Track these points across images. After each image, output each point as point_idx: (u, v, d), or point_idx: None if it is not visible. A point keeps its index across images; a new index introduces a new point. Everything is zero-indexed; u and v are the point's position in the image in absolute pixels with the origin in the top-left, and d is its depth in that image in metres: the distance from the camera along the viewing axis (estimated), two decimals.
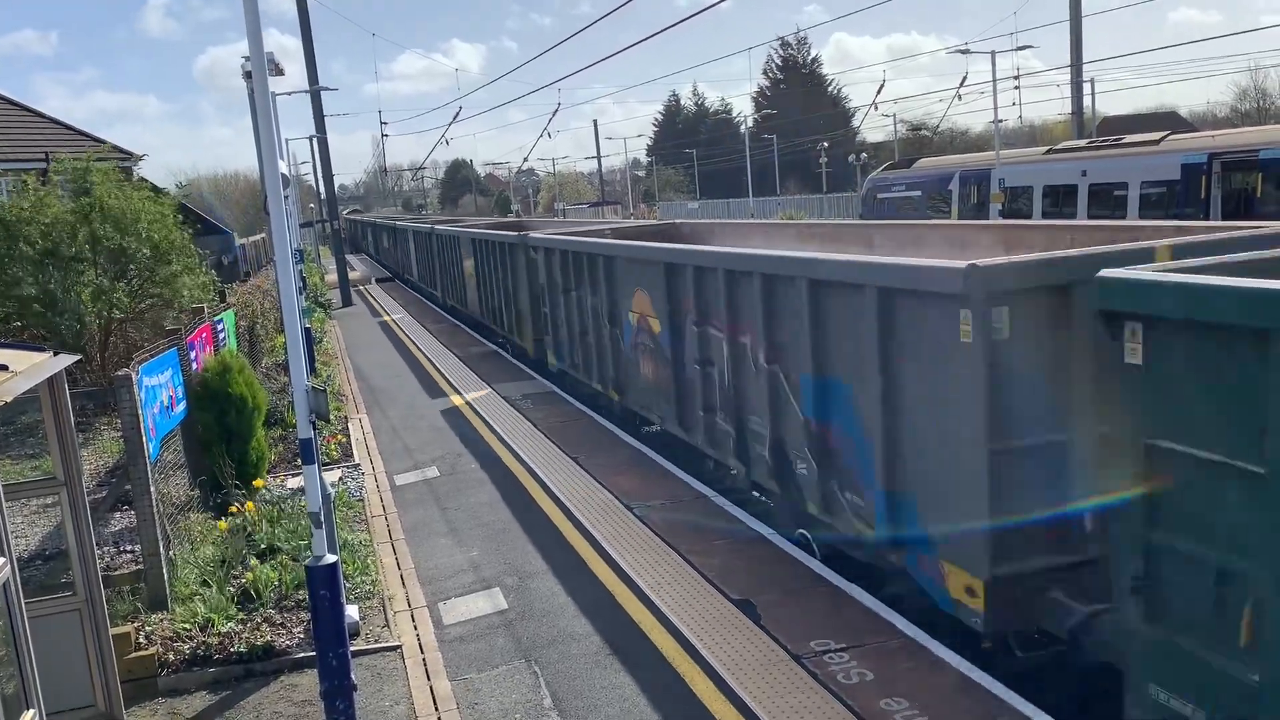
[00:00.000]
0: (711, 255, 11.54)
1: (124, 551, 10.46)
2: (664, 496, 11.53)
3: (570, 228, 22.75)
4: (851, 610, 8.16)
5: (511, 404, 17.48)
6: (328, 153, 41.13)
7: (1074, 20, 36.79)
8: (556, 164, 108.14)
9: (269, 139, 7.17)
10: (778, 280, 9.52)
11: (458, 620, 8.86)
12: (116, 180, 18.91)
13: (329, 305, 37.03)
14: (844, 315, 8.35)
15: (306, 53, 36.86)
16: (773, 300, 9.64)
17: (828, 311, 8.64)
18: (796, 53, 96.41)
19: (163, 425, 10.29)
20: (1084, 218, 21.46)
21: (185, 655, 8.14)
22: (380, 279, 52.64)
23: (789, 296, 9.25)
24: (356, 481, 13.21)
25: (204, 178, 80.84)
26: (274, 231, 7.11)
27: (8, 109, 32.21)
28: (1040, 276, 6.64)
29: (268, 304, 22.78)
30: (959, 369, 6.84)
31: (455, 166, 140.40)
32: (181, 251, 18.89)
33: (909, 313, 7.45)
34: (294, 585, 9.11)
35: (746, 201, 69.81)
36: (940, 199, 29.50)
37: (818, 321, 8.78)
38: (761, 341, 9.90)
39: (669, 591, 8.84)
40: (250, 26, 6.70)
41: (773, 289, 9.63)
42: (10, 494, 6.34)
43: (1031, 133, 74.62)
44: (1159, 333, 5.27)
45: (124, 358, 15.17)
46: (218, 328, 14.12)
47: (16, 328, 17.33)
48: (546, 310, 18.79)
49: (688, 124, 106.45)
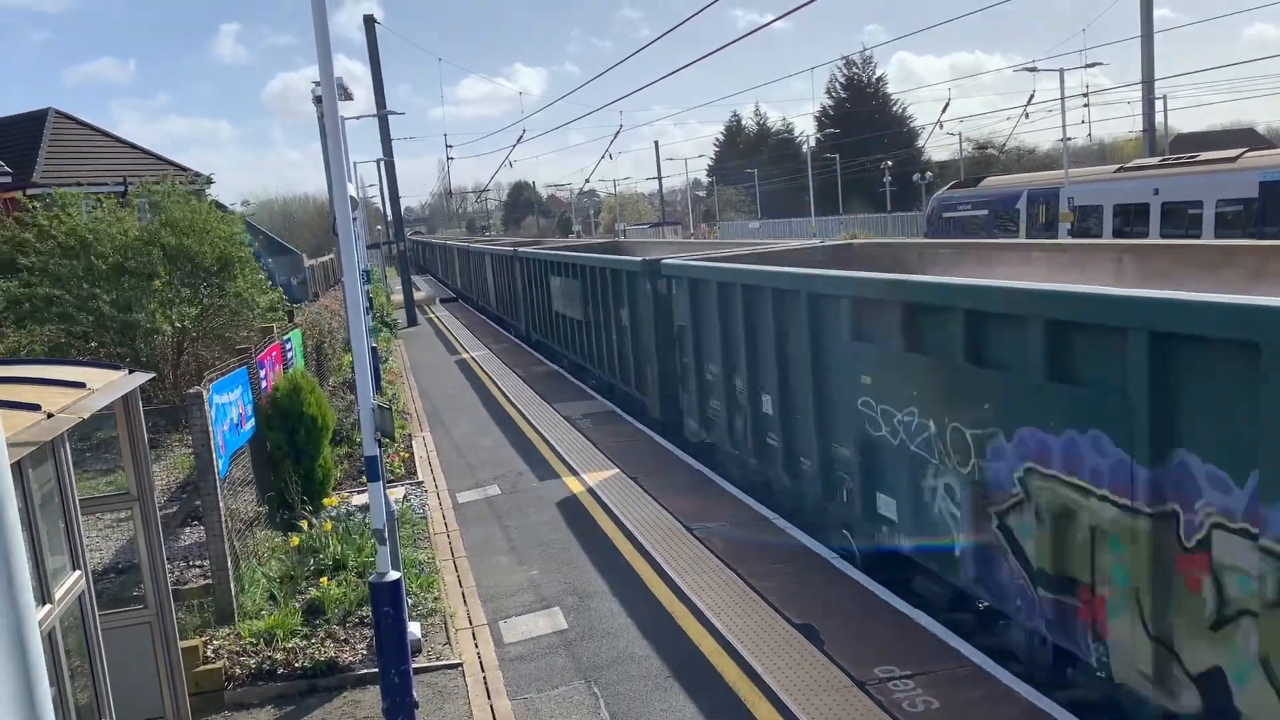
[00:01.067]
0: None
1: (193, 566, 10.66)
2: (724, 518, 11.44)
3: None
4: (916, 636, 8.00)
5: (571, 423, 17.53)
6: (394, 176, 41.90)
7: (1145, 36, 36.12)
8: (617, 185, 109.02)
9: (338, 162, 7.30)
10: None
11: (518, 639, 8.87)
12: (186, 198, 19.46)
13: (395, 325, 37.58)
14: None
15: (375, 79, 37.65)
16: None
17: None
18: (861, 72, 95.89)
19: (232, 442, 10.50)
20: (1156, 237, 20.97)
21: (251, 669, 8.26)
22: (445, 299, 53.42)
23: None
24: (420, 499, 13.34)
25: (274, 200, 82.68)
26: (342, 252, 7.23)
27: (89, 134, 33.34)
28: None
29: (335, 323, 23.17)
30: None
31: (518, 188, 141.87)
32: (246, 265, 19.30)
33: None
34: (358, 602, 9.21)
35: (809, 220, 69.48)
36: (1007, 218, 29.07)
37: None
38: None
39: (730, 614, 8.76)
40: (321, 54, 6.84)
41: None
42: (86, 508, 6.49)
43: (1101, 151, 73.30)
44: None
45: (195, 376, 15.52)
46: (286, 347, 14.38)
47: (94, 346, 17.84)
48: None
49: (749, 144, 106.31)
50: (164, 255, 18.02)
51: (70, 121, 33.06)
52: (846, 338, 9.50)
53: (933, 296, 8.06)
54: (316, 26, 6.76)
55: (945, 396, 7.89)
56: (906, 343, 8.41)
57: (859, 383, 9.32)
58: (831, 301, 9.78)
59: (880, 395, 8.95)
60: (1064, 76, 36.76)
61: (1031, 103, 55.58)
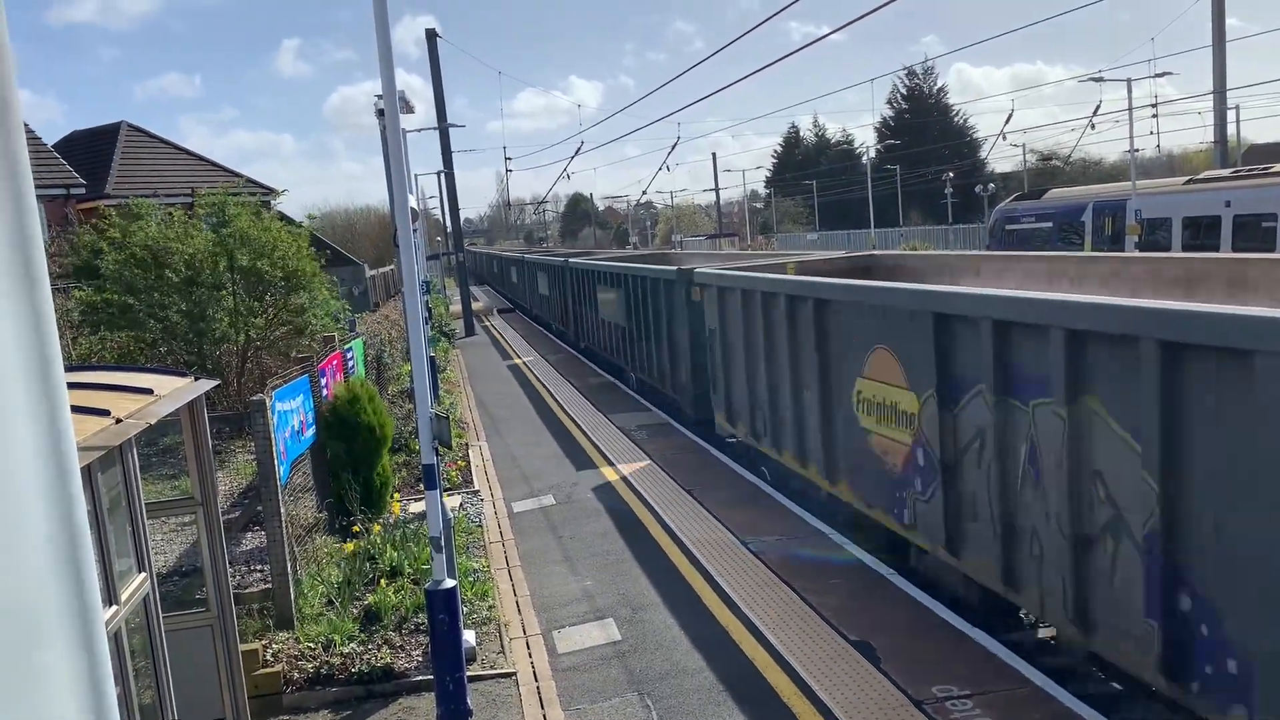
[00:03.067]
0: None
1: (254, 570, 10.85)
2: (779, 532, 11.36)
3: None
4: (974, 654, 7.86)
5: (626, 434, 17.55)
6: (454, 188, 42.38)
7: (1216, 44, 35.30)
8: (674, 196, 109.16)
9: (399, 174, 7.40)
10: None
11: (571, 649, 8.88)
12: (254, 211, 19.89)
13: (453, 334, 37.98)
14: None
15: (436, 92, 38.15)
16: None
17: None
18: (922, 82, 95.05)
19: (293, 449, 10.67)
20: (1228, 250, 20.44)
21: (309, 674, 8.37)
22: (502, 310, 53.89)
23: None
24: (476, 508, 13.44)
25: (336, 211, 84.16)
26: (403, 263, 7.33)
27: (160, 147, 34.24)
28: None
29: (395, 333, 23.48)
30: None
31: (575, 200, 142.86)
32: (313, 279, 19.67)
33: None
34: (414, 609, 9.29)
35: (868, 233, 68.91)
36: (1072, 230, 28.54)
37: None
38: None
39: (784, 629, 8.69)
40: (384, 68, 6.95)
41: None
42: (152, 512, 6.64)
43: (1170, 162, 71.68)
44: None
45: (259, 383, 15.84)
46: (347, 356, 14.60)
47: (163, 352, 18.29)
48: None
49: (808, 155, 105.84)
50: (231, 266, 18.44)
51: (142, 134, 34.00)
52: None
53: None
54: (379, 42, 6.87)
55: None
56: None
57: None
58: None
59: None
60: (1131, 86, 36.07)
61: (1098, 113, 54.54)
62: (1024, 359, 7.48)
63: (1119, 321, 6.39)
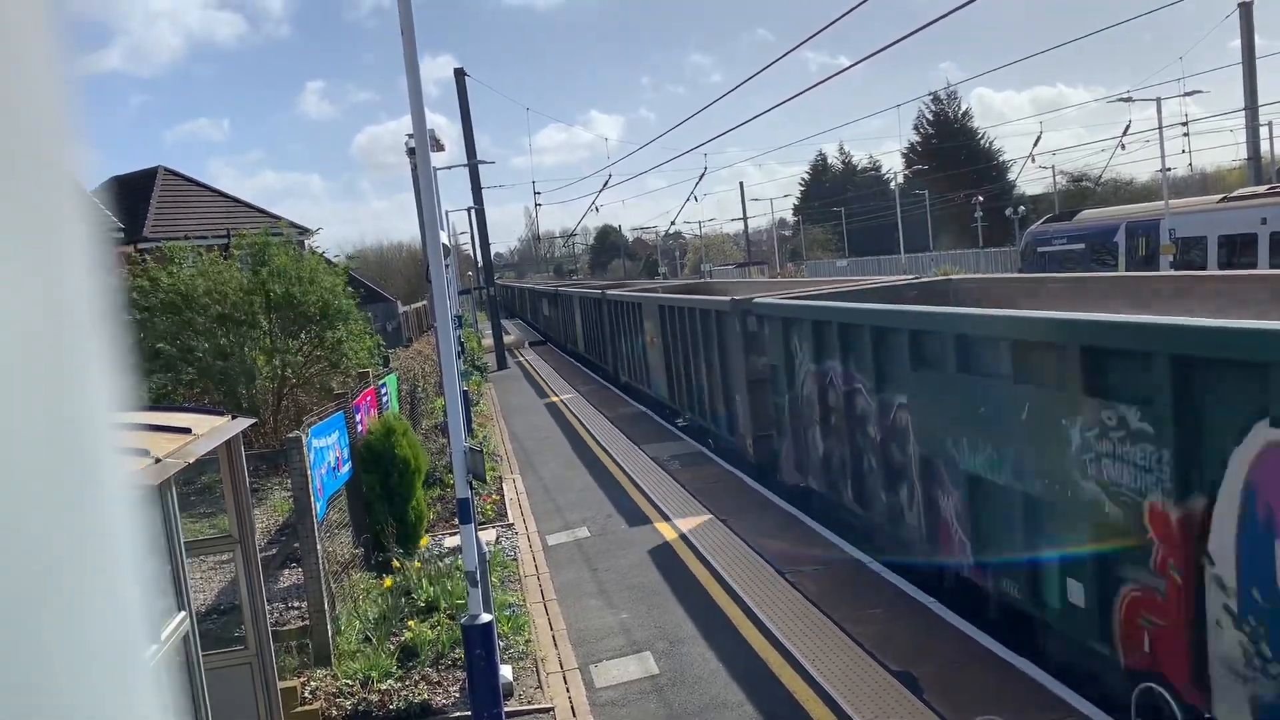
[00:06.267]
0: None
1: (292, 608, 10.88)
2: (816, 560, 11.25)
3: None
4: (1019, 684, 7.72)
5: (660, 464, 17.50)
6: (485, 223, 42.71)
7: (1247, 62, 35.04)
8: (702, 226, 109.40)
9: (430, 211, 7.48)
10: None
11: (609, 684, 8.82)
12: (289, 246, 20.13)
13: (485, 368, 38.13)
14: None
15: (465, 129, 38.61)
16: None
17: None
18: (947, 107, 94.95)
19: (329, 485, 10.72)
20: (1265, 268, 20.17)
21: (347, 711, 8.36)
22: (533, 342, 54.13)
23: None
24: (511, 541, 13.43)
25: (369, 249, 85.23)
26: (435, 299, 7.38)
27: (195, 190, 34.79)
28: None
29: (428, 368, 23.62)
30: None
31: (604, 232, 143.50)
32: (348, 317, 19.84)
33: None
34: (450, 644, 9.27)
35: (898, 258, 68.66)
36: (1105, 251, 28.28)
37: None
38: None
39: (824, 660, 8.58)
40: (414, 110, 7.04)
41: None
42: (191, 550, 6.69)
43: (1203, 181, 70.98)
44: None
45: (294, 420, 15.96)
46: (381, 391, 14.70)
47: (198, 392, 18.50)
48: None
49: (835, 182, 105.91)
50: (267, 304, 18.65)
51: (177, 178, 34.54)
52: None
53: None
54: (409, 83, 6.97)
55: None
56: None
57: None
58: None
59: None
60: (1161, 105, 35.80)
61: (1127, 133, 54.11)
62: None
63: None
